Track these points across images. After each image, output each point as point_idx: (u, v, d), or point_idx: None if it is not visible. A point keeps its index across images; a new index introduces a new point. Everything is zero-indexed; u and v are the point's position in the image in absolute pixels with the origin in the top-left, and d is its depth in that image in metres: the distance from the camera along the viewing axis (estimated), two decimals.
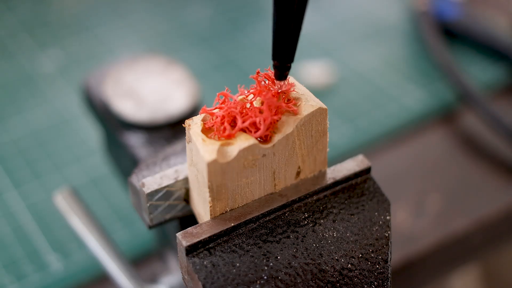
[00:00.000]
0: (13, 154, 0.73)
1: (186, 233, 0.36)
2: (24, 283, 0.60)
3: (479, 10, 0.91)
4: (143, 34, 0.91)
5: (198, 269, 0.35)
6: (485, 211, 0.66)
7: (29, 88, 0.81)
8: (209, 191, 0.36)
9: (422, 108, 0.77)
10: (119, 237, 0.64)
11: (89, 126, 0.75)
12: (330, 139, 0.41)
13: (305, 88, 0.39)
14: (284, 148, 0.37)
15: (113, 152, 0.61)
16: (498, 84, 0.81)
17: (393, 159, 0.72)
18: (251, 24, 0.92)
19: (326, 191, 0.39)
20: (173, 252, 0.53)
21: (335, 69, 0.83)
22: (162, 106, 0.55)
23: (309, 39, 0.89)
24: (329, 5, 0.95)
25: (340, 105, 0.78)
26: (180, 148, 0.44)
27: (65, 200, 0.53)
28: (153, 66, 0.59)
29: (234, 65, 0.84)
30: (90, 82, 0.60)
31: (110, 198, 0.67)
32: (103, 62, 0.84)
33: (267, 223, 0.37)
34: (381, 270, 0.38)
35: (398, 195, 0.68)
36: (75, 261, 0.62)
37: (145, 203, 0.40)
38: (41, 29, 0.91)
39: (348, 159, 0.41)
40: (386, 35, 0.90)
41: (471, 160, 0.72)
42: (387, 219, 0.39)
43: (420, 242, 0.63)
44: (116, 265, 0.50)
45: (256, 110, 0.37)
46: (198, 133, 0.36)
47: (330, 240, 0.38)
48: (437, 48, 0.80)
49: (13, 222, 0.65)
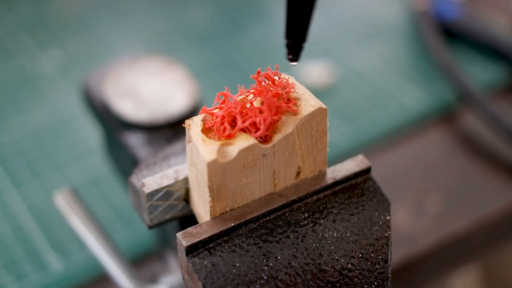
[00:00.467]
0: (13, 154, 0.73)
1: (186, 233, 0.36)
2: (24, 283, 0.60)
3: (479, 10, 0.91)
4: (143, 34, 0.91)
5: (198, 269, 0.35)
6: (485, 211, 0.66)
7: (29, 88, 0.81)
8: (209, 191, 0.36)
9: (422, 108, 0.77)
10: (119, 237, 0.64)
11: (89, 126, 0.75)
12: (330, 139, 0.41)
13: (305, 88, 0.39)
14: (284, 148, 0.37)
15: (113, 152, 0.61)
16: (498, 84, 0.81)
17: (393, 159, 0.72)
18: (251, 24, 0.92)
19: (326, 191, 0.39)
20: (173, 252, 0.53)
21: (335, 69, 0.83)
22: (162, 106, 0.55)
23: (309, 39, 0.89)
24: (329, 5, 0.95)
25: (340, 105, 0.78)
26: (180, 148, 0.44)
27: (65, 200, 0.53)
28: (153, 66, 0.59)
29: (234, 65, 0.84)
30: (90, 82, 0.60)
31: (110, 198, 0.67)
32: (103, 62, 0.84)
33: (267, 223, 0.37)
34: (381, 270, 0.38)
35: (398, 195, 0.68)
36: (75, 261, 0.62)
37: (145, 203, 0.40)
38: (41, 29, 0.91)
39: (348, 159, 0.41)
40: (386, 35, 0.90)
41: (471, 160, 0.72)
42: (387, 219, 0.39)
43: (420, 242, 0.63)
44: (116, 265, 0.50)
45: (256, 110, 0.37)
46: (198, 133, 0.36)
47: (330, 240, 0.38)
48: (437, 48, 0.80)
49: (13, 222, 0.65)
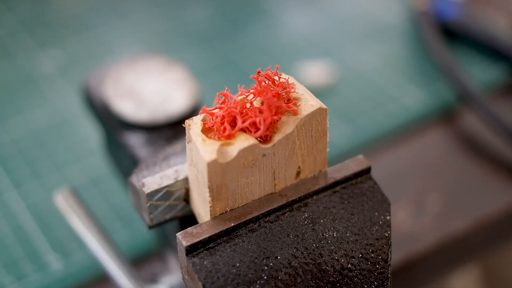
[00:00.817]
0: (13, 154, 0.73)
1: (186, 233, 0.36)
2: (24, 283, 0.60)
3: (479, 10, 0.91)
4: (143, 34, 0.91)
5: (198, 269, 0.35)
6: (485, 211, 0.66)
7: (29, 88, 0.81)
8: (209, 191, 0.36)
9: (422, 108, 0.77)
10: (119, 237, 0.64)
11: (89, 126, 0.75)
12: (330, 139, 0.41)
13: (305, 88, 0.39)
14: (284, 148, 0.37)
15: (113, 152, 0.61)
16: (498, 84, 0.81)
17: (393, 159, 0.72)
18: (251, 24, 0.92)
19: (326, 191, 0.39)
20: (173, 252, 0.53)
21: (335, 69, 0.83)
22: (162, 106, 0.55)
23: (309, 39, 0.89)
24: (329, 5, 0.95)
25: (340, 105, 0.78)
26: (180, 148, 0.44)
27: (65, 200, 0.53)
28: (153, 66, 0.59)
29: (234, 65, 0.84)
30: (90, 82, 0.60)
31: (110, 198, 0.67)
32: (103, 62, 0.84)
33: (267, 223, 0.37)
34: (381, 270, 0.38)
35: (398, 195, 0.68)
36: (75, 261, 0.62)
37: (145, 203, 0.40)
38: (41, 29, 0.91)
39: (348, 159, 0.41)
40: (386, 35, 0.90)
41: (471, 160, 0.72)
42: (387, 219, 0.39)
43: (420, 242, 0.63)
44: (116, 265, 0.50)
45: (256, 110, 0.37)
46: (198, 133, 0.36)
47: (330, 240, 0.38)
48: (437, 49, 0.80)
49: (13, 222, 0.65)
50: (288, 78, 0.39)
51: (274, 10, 0.95)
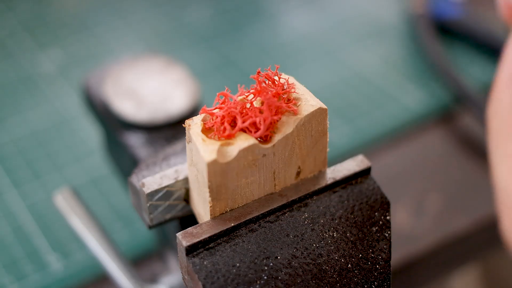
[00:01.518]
0: (13, 154, 0.73)
1: (186, 233, 0.36)
2: (24, 283, 0.60)
3: (479, 10, 0.91)
4: (143, 34, 0.91)
5: (198, 269, 0.35)
6: (485, 211, 0.66)
7: (29, 88, 0.81)
8: (209, 191, 0.36)
9: (422, 108, 0.77)
10: (119, 237, 0.64)
11: (89, 126, 0.75)
12: (330, 139, 0.41)
13: (305, 88, 0.39)
14: (284, 148, 0.37)
15: (113, 152, 0.61)
16: None
17: (393, 159, 0.72)
18: (251, 24, 0.92)
19: (326, 191, 0.39)
20: (173, 252, 0.53)
21: (335, 69, 0.83)
22: (162, 106, 0.55)
23: (309, 39, 0.89)
24: (329, 5, 0.95)
25: (340, 105, 0.78)
26: (180, 148, 0.44)
27: (65, 200, 0.53)
28: (153, 66, 0.59)
29: (234, 65, 0.84)
30: (90, 82, 0.60)
31: (110, 198, 0.67)
32: (103, 62, 0.84)
33: (267, 223, 0.37)
34: (381, 270, 0.38)
35: (398, 195, 0.68)
36: (75, 261, 0.62)
37: (145, 203, 0.40)
38: (41, 29, 0.91)
39: (348, 159, 0.41)
40: (386, 35, 0.90)
41: (471, 160, 0.72)
42: (387, 219, 0.39)
43: (420, 242, 0.63)
44: (116, 265, 0.50)
45: (256, 110, 0.37)
46: (198, 133, 0.36)
47: (330, 240, 0.38)
48: (434, 53, 0.80)
49: (13, 222, 0.65)
50: (288, 78, 0.39)
51: (274, 10, 0.95)
